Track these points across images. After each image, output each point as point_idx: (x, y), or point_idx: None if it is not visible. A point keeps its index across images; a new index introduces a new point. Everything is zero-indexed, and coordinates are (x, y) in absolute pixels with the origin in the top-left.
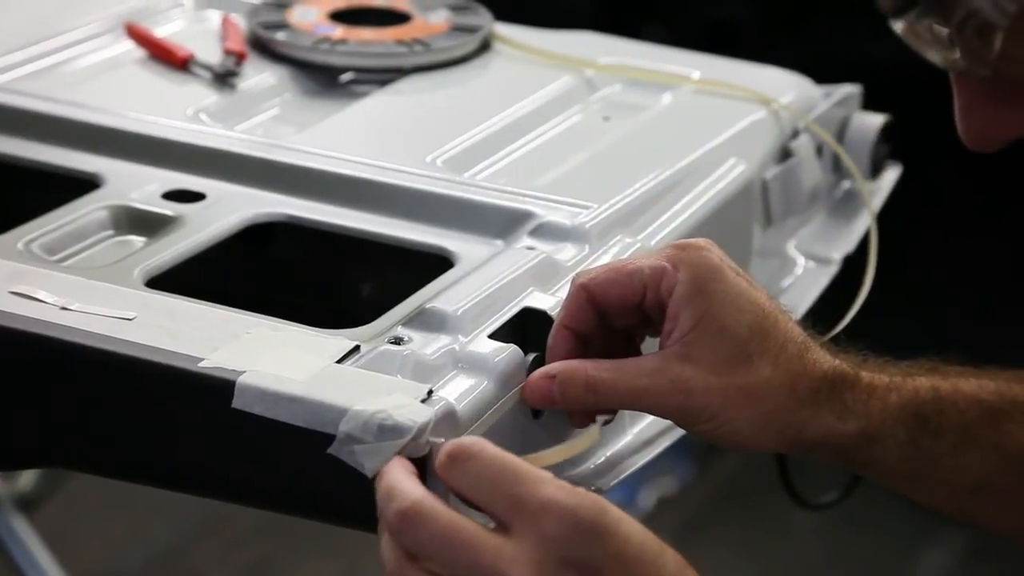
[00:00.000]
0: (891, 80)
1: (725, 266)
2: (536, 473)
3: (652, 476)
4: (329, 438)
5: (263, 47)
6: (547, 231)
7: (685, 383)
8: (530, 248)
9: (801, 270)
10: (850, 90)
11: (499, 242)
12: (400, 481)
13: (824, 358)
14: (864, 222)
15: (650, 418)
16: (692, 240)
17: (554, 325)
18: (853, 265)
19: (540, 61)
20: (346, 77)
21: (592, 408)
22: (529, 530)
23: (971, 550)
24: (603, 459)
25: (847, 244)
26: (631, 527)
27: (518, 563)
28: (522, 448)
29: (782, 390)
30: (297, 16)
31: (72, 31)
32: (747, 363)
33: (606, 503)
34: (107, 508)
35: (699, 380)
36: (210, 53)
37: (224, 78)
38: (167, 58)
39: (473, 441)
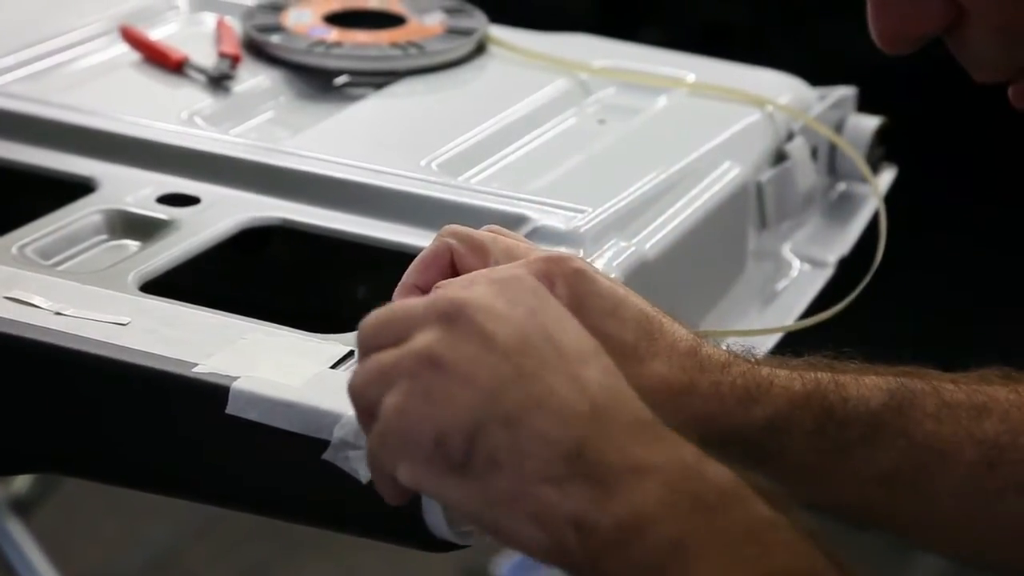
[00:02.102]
0: (886, 82)
1: (599, 276)
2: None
3: None
4: (323, 444)
5: (258, 50)
6: (542, 235)
7: None
8: None
9: (796, 273)
10: (845, 92)
11: None
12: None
13: (720, 352)
14: (861, 223)
15: None
16: (560, 252)
17: (404, 281)
18: (848, 268)
19: (535, 64)
20: (341, 80)
21: None
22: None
23: None
24: None
25: (842, 247)
26: (572, 321)
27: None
28: None
29: (682, 388)
30: (292, 19)
31: (66, 34)
32: (640, 365)
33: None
34: (103, 511)
35: None
36: (205, 56)
37: (219, 81)
38: (162, 61)
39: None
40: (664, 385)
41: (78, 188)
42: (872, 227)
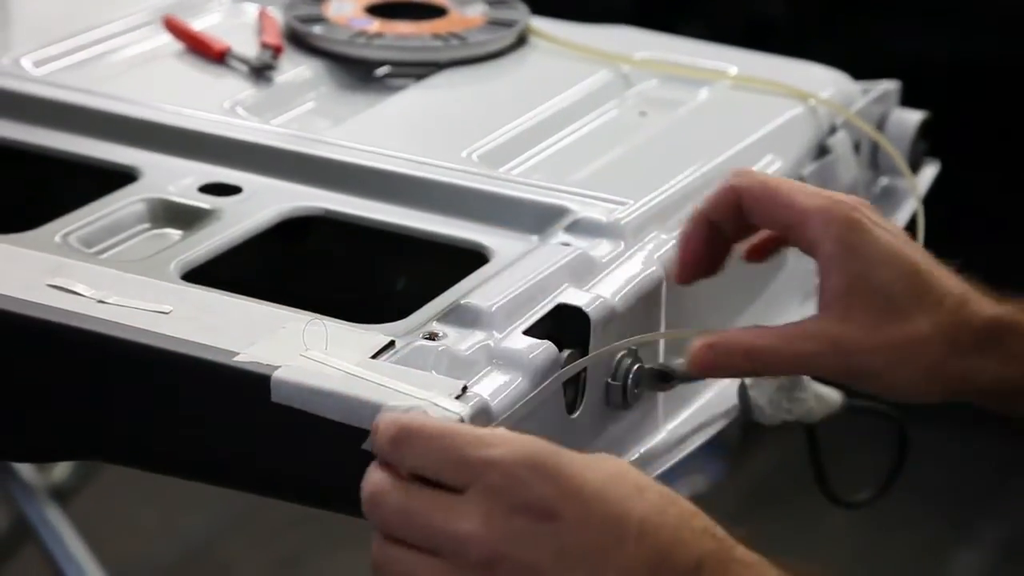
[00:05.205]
0: (930, 76)
1: (875, 226)
2: (479, 433)
3: (683, 474)
4: (364, 433)
5: (299, 41)
6: (582, 227)
7: (844, 344)
8: (565, 244)
9: None
10: (888, 86)
11: (534, 238)
12: (370, 470)
13: (985, 307)
14: (902, 218)
15: (684, 416)
16: (845, 197)
17: (694, 212)
18: None
19: (576, 56)
20: (382, 71)
21: (752, 374)
22: (477, 486)
23: (1004, 552)
24: (636, 456)
25: None
26: (593, 467)
27: (467, 518)
28: (557, 445)
29: (943, 343)
30: (333, 10)
31: (110, 24)
32: (904, 320)
33: (560, 448)
34: (140, 500)
35: (858, 340)
36: (247, 46)
37: (260, 72)
38: (204, 51)
39: (411, 418)
40: (925, 343)
41: (121, 177)
42: (914, 223)
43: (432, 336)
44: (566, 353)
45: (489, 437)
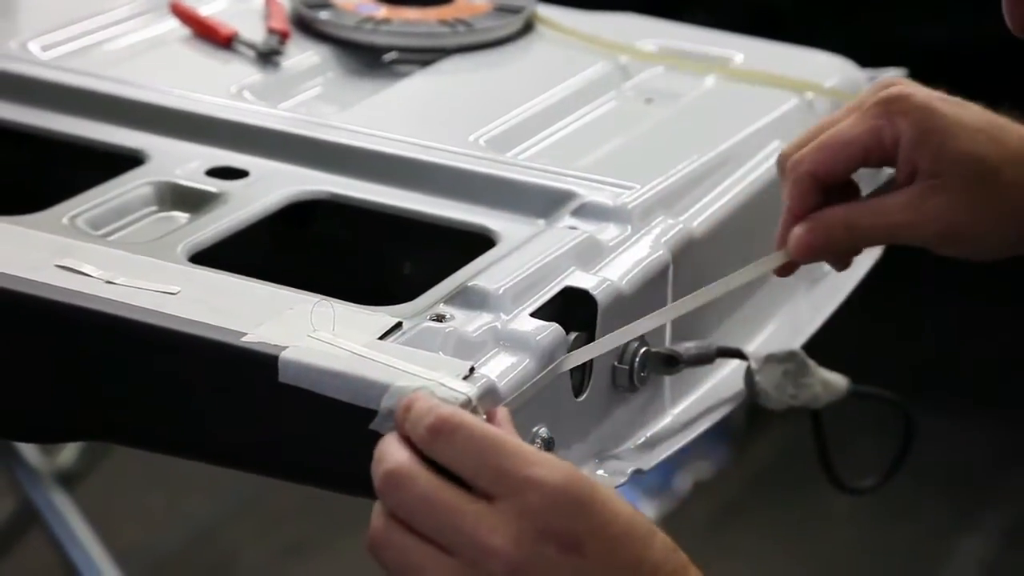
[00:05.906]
0: (936, 64)
1: (933, 100)
2: (522, 448)
3: (688, 460)
4: (371, 413)
5: (307, 26)
6: (589, 211)
7: (936, 212)
8: (572, 228)
9: None
10: (895, 74)
11: (541, 222)
12: (390, 444)
13: None
14: None
15: (690, 400)
16: (891, 91)
17: (784, 218)
18: (896, 250)
19: (582, 44)
20: (389, 57)
21: (851, 248)
22: (511, 502)
23: (1007, 539)
24: (643, 439)
25: None
26: (618, 506)
27: (497, 531)
28: (563, 427)
29: None
30: None
31: (117, 9)
32: (993, 175)
33: (594, 481)
34: (146, 485)
35: (950, 206)
36: (254, 31)
37: (268, 56)
38: (211, 36)
39: (453, 412)
40: (1017, 196)
41: (128, 160)
42: None
43: (439, 318)
44: (573, 336)
45: (531, 454)
